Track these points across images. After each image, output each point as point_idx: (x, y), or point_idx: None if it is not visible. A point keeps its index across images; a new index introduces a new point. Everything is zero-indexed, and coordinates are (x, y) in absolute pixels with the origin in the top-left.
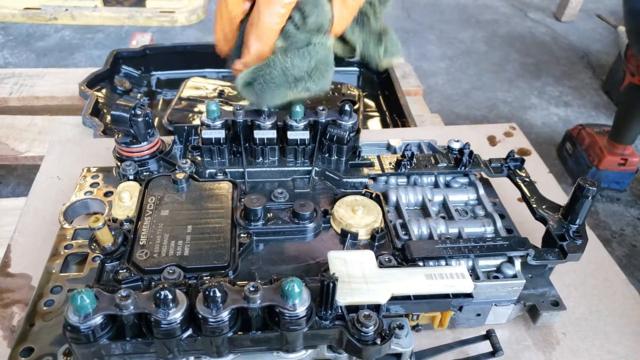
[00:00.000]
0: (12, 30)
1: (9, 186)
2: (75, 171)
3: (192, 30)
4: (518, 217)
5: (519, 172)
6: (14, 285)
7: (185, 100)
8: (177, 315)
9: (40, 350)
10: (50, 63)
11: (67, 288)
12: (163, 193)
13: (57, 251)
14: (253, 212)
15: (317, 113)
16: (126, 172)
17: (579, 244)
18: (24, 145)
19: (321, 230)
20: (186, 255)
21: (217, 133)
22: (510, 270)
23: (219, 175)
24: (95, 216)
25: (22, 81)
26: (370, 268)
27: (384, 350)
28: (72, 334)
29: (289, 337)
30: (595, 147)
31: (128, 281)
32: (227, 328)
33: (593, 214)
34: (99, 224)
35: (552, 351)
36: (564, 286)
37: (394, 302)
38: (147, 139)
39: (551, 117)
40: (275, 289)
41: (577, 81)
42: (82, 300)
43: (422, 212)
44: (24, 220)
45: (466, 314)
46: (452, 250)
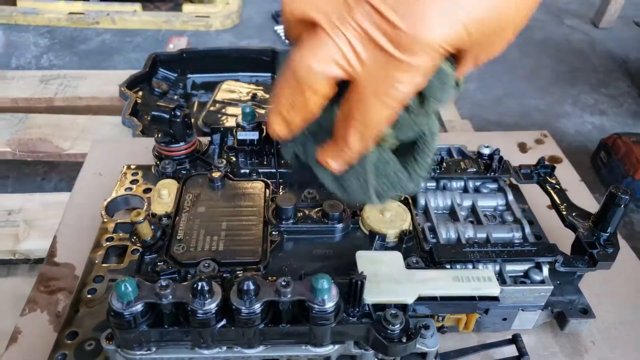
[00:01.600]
0: (57, 34)
1: (52, 182)
2: (115, 168)
3: (226, 35)
4: (547, 224)
5: (549, 179)
6: (59, 274)
7: (220, 102)
8: (212, 306)
9: (83, 334)
10: (91, 65)
11: (108, 278)
12: (200, 191)
13: (99, 243)
14: (284, 211)
15: None
16: (165, 170)
17: (609, 253)
18: (68, 142)
19: (350, 230)
20: (221, 250)
21: (252, 135)
22: (537, 275)
23: (252, 175)
24: (137, 211)
25: (67, 82)
26: (397, 268)
27: (409, 349)
28: (116, 319)
29: (317, 331)
30: (632, 156)
31: (166, 273)
32: (259, 320)
33: (628, 224)
34: (140, 218)
35: (580, 359)
36: (593, 295)
37: (421, 303)
38: (186, 139)
39: (585, 126)
40: (305, 285)
41: (614, 89)
42: (125, 288)
43: (450, 216)
44: (68, 214)
45: (492, 318)
46: (479, 254)
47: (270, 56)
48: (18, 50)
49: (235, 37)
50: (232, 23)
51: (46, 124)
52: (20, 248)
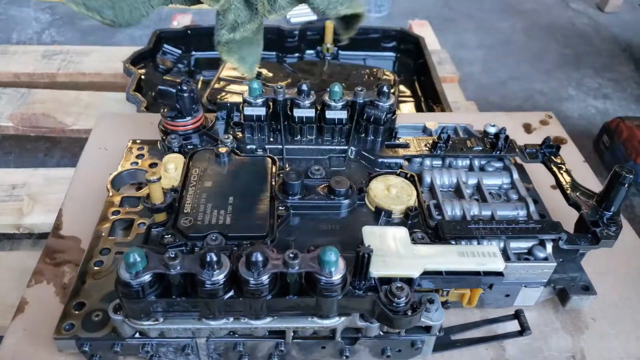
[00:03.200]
0: (58, 9)
1: (54, 158)
2: (121, 143)
3: None
4: (551, 204)
5: (554, 159)
6: (65, 246)
7: (224, 80)
8: (220, 277)
9: (91, 305)
10: (94, 41)
11: (114, 250)
12: (206, 166)
13: (105, 216)
14: (291, 187)
15: (355, 94)
16: (171, 144)
17: (612, 231)
18: (71, 118)
19: (356, 207)
20: (228, 224)
21: (259, 110)
22: (541, 252)
23: (259, 151)
24: (152, 171)
25: (70, 58)
26: (403, 243)
27: (414, 322)
28: (124, 289)
29: (323, 303)
30: (634, 140)
31: (173, 246)
32: (267, 291)
33: (628, 207)
34: (154, 177)
35: (580, 335)
36: (595, 273)
37: (426, 277)
38: (192, 114)
39: (589, 109)
40: (313, 257)
41: (618, 73)
42: (134, 258)
43: (455, 194)
44: (73, 187)
45: (495, 294)
46: (484, 230)
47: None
48: (19, 25)
49: None
50: None
51: (49, 100)
52: (24, 222)
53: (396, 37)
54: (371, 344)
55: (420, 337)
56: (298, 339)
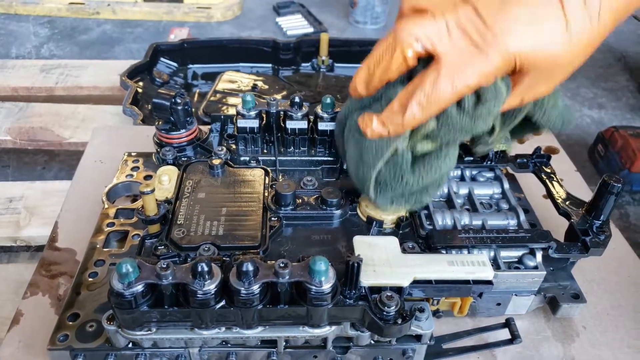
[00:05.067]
0: (57, 24)
1: (52, 171)
2: (116, 156)
3: (227, 26)
4: (543, 213)
5: (545, 168)
6: (60, 258)
7: (220, 93)
8: (211, 287)
9: (85, 316)
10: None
11: (109, 262)
12: (200, 177)
13: (100, 228)
14: (283, 197)
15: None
16: (165, 156)
17: (602, 239)
18: (68, 132)
19: (347, 217)
20: (220, 234)
21: (252, 122)
22: (531, 261)
23: (252, 162)
24: (146, 183)
25: (68, 72)
26: (394, 253)
27: (404, 330)
28: (116, 299)
29: (314, 312)
30: (628, 149)
31: (166, 257)
32: (257, 301)
33: (624, 216)
34: (148, 189)
35: (571, 343)
36: (586, 281)
37: (416, 286)
38: (186, 126)
39: (584, 119)
40: (303, 266)
41: (612, 83)
42: (126, 269)
43: (447, 204)
44: (69, 200)
45: (486, 303)
46: (474, 239)
47: (270, 47)
48: (18, 40)
49: (236, 28)
50: (234, 14)
51: (47, 113)
52: (21, 235)
53: None
54: (363, 353)
55: (411, 345)
56: (290, 348)
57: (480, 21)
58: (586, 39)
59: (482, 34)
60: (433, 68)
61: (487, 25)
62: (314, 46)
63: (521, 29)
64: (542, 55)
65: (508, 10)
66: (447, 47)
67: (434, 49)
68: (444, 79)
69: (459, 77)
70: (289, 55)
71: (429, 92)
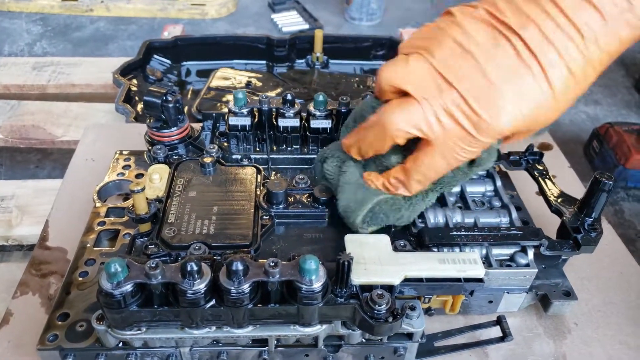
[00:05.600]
0: (50, 21)
1: (45, 169)
2: (108, 154)
3: (222, 23)
4: (535, 210)
5: (537, 166)
6: (51, 257)
7: (214, 90)
8: (201, 286)
9: (75, 315)
10: (85, 53)
11: (100, 261)
12: (191, 176)
13: (91, 227)
14: (275, 196)
15: (340, 102)
16: (157, 155)
17: (593, 237)
18: (61, 130)
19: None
20: (211, 233)
21: (243, 120)
22: (522, 259)
23: (244, 160)
24: (136, 181)
25: (60, 69)
26: (385, 251)
27: (395, 329)
28: (105, 299)
29: (304, 311)
30: (623, 145)
31: (156, 256)
32: (248, 300)
33: (618, 212)
34: (138, 188)
35: (563, 340)
36: (578, 278)
37: (407, 284)
38: (177, 124)
39: (579, 115)
40: (293, 265)
41: (608, 79)
42: (115, 268)
43: (439, 201)
44: (60, 199)
45: (478, 301)
46: (466, 237)
47: (265, 44)
48: (10, 37)
49: (231, 25)
50: (228, 11)
51: (39, 111)
52: (14, 234)
53: (386, 45)
54: (354, 351)
55: (403, 344)
56: (281, 347)
57: (468, 108)
58: (574, 94)
59: (473, 121)
60: (426, 150)
61: (476, 113)
62: (308, 43)
63: (510, 108)
64: (533, 123)
65: (495, 91)
66: (437, 133)
67: (425, 136)
68: (439, 161)
69: (453, 158)
70: (284, 52)
71: (425, 171)
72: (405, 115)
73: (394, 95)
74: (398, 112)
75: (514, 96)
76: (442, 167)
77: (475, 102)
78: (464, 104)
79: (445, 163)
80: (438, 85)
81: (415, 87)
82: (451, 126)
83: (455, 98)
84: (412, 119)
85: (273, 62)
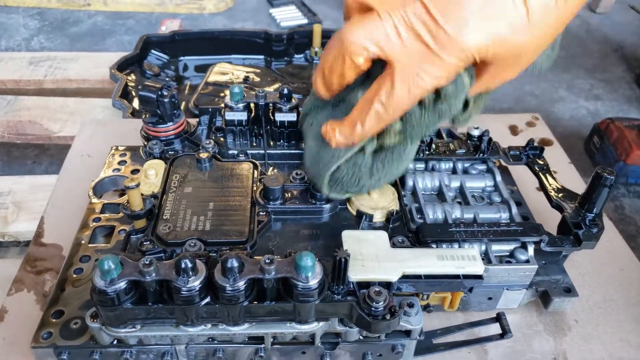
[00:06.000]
0: (47, 15)
1: (42, 165)
2: (104, 149)
3: (220, 18)
4: (536, 206)
5: (538, 161)
6: (46, 254)
7: (212, 85)
8: (196, 283)
9: (69, 313)
10: (82, 48)
11: (95, 258)
12: (187, 171)
13: (86, 224)
14: (272, 192)
15: None
16: (152, 150)
17: (594, 232)
18: (57, 125)
19: (337, 211)
20: (207, 230)
21: (240, 115)
22: (522, 255)
23: (240, 156)
24: (131, 177)
25: (57, 64)
26: (383, 247)
27: (392, 326)
28: (99, 297)
29: (301, 308)
30: (624, 141)
31: (151, 253)
32: (243, 297)
33: (618, 208)
34: (133, 184)
35: (563, 337)
36: (578, 275)
37: (405, 281)
38: (173, 119)
39: (580, 111)
40: (289, 262)
41: (609, 74)
42: (108, 265)
43: (438, 197)
44: (56, 195)
45: (478, 297)
46: (465, 233)
47: (263, 38)
48: (7, 32)
49: (229, 20)
50: (226, 6)
51: (35, 107)
52: (10, 230)
53: None
54: (351, 349)
55: (401, 341)
56: (277, 344)
57: (431, 19)
58: (553, 21)
59: (434, 34)
60: (387, 75)
61: (438, 25)
62: (307, 37)
63: (477, 24)
64: (504, 47)
65: (460, 3)
66: (398, 51)
67: (385, 55)
68: (399, 86)
69: (415, 83)
70: (282, 47)
71: (385, 101)
72: (365, 29)
73: (358, 12)
74: (357, 26)
75: (481, 11)
76: (403, 95)
77: (438, 13)
78: (426, 14)
79: (406, 89)
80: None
81: (378, 1)
82: (411, 41)
83: (418, 10)
84: (371, 33)
85: (271, 57)
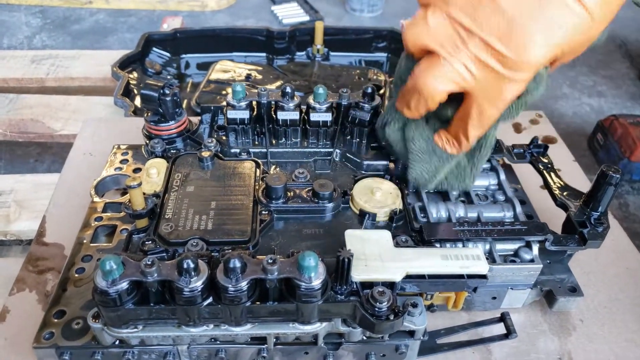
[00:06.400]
0: (49, 13)
1: (45, 163)
2: (106, 148)
3: (221, 15)
4: (540, 204)
5: (542, 159)
6: (48, 253)
7: (214, 83)
8: (198, 284)
9: (71, 313)
10: (84, 46)
11: (96, 257)
12: (189, 170)
13: (88, 223)
14: (274, 191)
15: (340, 95)
16: (154, 149)
17: (599, 231)
18: (59, 123)
19: (340, 210)
20: (209, 229)
21: (242, 113)
22: (527, 254)
23: (242, 154)
24: (133, 176)
25: (59, 62)
26: (386, 247)
27: (396, 327)
28: (101, 297)
29: (304, 309)
30: (628, 138)
31: (153, 252)
32: (246, 298)
33: (623, 206)
34: (134, 183)
35: (568, 337)
36: (583, 274)
37: (409, 281)
38: (175, 118)
39: (583, 107)
40: (292, 262)
41: (612, 71)
42: (110, 265)
43: (441, 196)
44: (58, 194)
45: (482, 297)
46: (469, 232)
47: (265, 36)
48: (9, 30)
49: (231, 17)
50: (228, 3)
51: (37, 105)
52: (12, 229)
53: (387, 37)
54: (355, 349)
55: (404, 341)
56: (280, 344)
57: (491, 50)
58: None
59: (502, 61)
60: (471, 102)
61: (500, 52)
62: (309, 35)
63: (539, 39)
64: (571, 45)
65: (517, 27)
66: (473, 83)
67: (463, 89)
68: (486, 107)
69: (499, 99)
70: (284, 44)
71: (477, 119)
72: (436, 75)
73: (423, 54)
74: (428, 73)
75: (542, 27)
76: (493, 113)
77: (497, 42)
78: (487, 47)
79: (494, 108)
80: (460, 36)
81: (439, 44)
82: (482, 72)
83: (478, 44)
84: (443, 76)
85: (273, 54)
